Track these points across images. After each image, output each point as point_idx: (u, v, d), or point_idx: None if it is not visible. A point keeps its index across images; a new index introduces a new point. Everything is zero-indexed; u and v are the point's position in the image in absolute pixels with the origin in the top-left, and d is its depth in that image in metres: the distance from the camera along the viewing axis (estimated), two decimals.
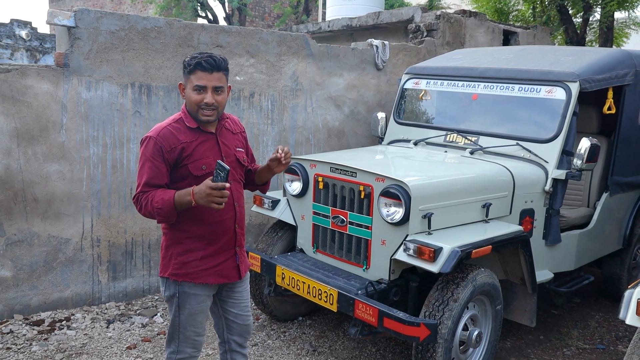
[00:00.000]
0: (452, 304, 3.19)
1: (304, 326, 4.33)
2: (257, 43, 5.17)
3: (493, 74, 4.44)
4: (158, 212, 2.36)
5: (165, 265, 2.54)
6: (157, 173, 2.39)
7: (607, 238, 4.64)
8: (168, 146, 2.40)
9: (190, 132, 2.46)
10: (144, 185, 2.39)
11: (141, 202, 2.40)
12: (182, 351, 2.59)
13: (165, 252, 2.54)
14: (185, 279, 2.49)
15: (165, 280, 2.55)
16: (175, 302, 2.53)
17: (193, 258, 2.49)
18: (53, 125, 4.20)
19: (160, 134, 2.42)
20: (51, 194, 4.24)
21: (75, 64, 4.24)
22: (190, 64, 2.40)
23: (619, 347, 4.24)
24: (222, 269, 2.56)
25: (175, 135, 2.43)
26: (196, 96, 2.40)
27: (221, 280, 2.57)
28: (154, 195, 2.37)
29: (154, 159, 2.39)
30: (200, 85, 2.39)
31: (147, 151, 2.40)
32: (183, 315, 2.53)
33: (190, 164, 2.43)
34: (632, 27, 11.30)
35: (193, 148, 2.44)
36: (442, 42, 6.98)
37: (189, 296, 2.52)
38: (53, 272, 4.31)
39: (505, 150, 4.11)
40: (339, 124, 5.86)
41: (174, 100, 4.73)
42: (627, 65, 4.36)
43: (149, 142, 2.41)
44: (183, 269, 2.49)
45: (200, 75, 2.38)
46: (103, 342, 3.97)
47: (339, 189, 3.69)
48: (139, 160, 2.44)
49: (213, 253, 2.52)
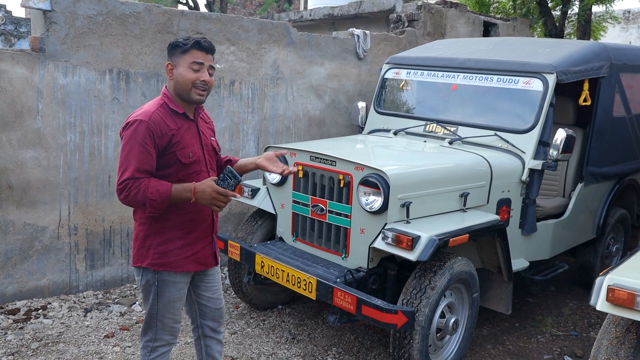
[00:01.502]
0: (430, 292, 3.23)
1: (284, 314, 4.35)
2: (238, 31, 5.13)
3: (472, 65, 4.48)
4: (151, 204, 2.30)
5: (142, 255, 2.49)
6: (147, 158, 2.32)
7: (582, 227, 4.73)
8: (159, 132, 2.34)
9: (177, 118, 2.43)
10: (135, 171, 2.30)
11: (130, 190, 2.30)
12: (160, 339, 2.58)
13: (143, 242, 2.49)
14: (166, 268, 2.47)
15: (141, 269, 2.52)
16: (153, 290, 2.51)
17: (173, 247, 2.47)
18: (28, 111, 4.13)
19: (151, 118, 2.34)
20: (27, 181, 4.17)
21: (51, 48, 4.17)
22: (187, 44, 2.38)
23: (591, 333, 4.34)
24: (200, 256, 2.56)
25: (164, 120, 2.38)
26: (192, 74, 2.38)
27: (200, 268, 2.59)
28: (148, 185, 2.30)
29: (145, 143, 2.31)
30: (198, 62, 2.38)
31: (137, 135, 2.31)
32: (162, 303, 2.52)
33: (178, 152, 2.39)
34: (609, 21, 11.44)
35: (181, 135, 2.41)
36: (423, 33, 7.00)
37: (168, 284, 2.50)
38: (29, 261, 4.26)
39: (484, 140, 4.16)
40: (320, 113, 5.86)
41: (153, 86, 4.68)
42: (602, 57, 4.42)
43: (139, 125, 2.33)
44: (163, 258, 2.47)
45: (197, 54, 2.38)
46: (80, 330, 3.95)
47: (318, 177, 3.70)
48: (126, 144, 2.33)
49: (192, 241, 2.52)
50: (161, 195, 2.30)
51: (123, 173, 2.32)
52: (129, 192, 2.30)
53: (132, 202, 2.34)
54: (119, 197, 2.35)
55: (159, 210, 2.35)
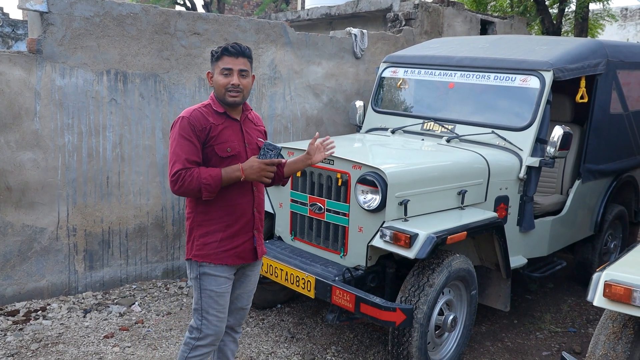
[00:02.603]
0: (428, 289, 3.24)
1: (283, 313, 4.36)
2: (235, 31, 5.13)
3: (469, 63, 4.48)
4: (206, 188, 2.47)
5: (189, 248, 2.66)
6: (194, 150, 2.51)
7: (580, 224, 4.74)
8: (200, 125, 2.53)
9: (218, 115, 2.61)
10: (184, 162, 2.48)
11: (184, 179, 2.46)
12: (205, 336, 2.65)
13: (189, 235, 2.66)
14: (206, 259, 2.60)
15: (189, 263, 2.67)
16: (198, 283, 2.64)
17: (213, 240, 2.60)
18: (26, 113, 4.14)
19: (192, 114, 2.55)
20: (25, 183, 4.18)
21: (48, 50, 4.17)
22: (218, 52, 2.58)
23: (589, 329, 4.35)
24: (240, 251, 2.66)
25: (204, 116, 2.57)
26: (223, 79, 2.56)
27: (239, 262, 2.67)
28: (200, 172, 2.48)
29: (190, 136, 2.51)
30: (227, 68, 2.56)
31: (181, 130, 2.52)
32: (205, 297, 2.63)
33: (217, 146, 2.56)
34: (606, 19, 11.47)
35: (219, 130, 2.58)
36: (420, 31, 7.01)
37: (209, 277, 2.62)
38: (28, 262, 4.26)
39: (481, 138, 4.16)
40: (318, 112, 5.87)
41: (150, 87, 4.68)
42: (599, 55, 4.43)
43: (182, 121, 2.54)
44: (203, 250, 2.61)
45: (226, 60, 2.56)
46: (80, 331, 3.95)
47: (316, 176, 3.71)
48: (173, 140, 2.54)
49: (232, 235, 2.63)
50: (214, 178, 2.48)
51: (174, 165, 2.50)
52: (184, 181, 2.47)
53: (187, 190, 2.49)
54: (173, 188, 2.51)
55: (212, 193, 2.51)
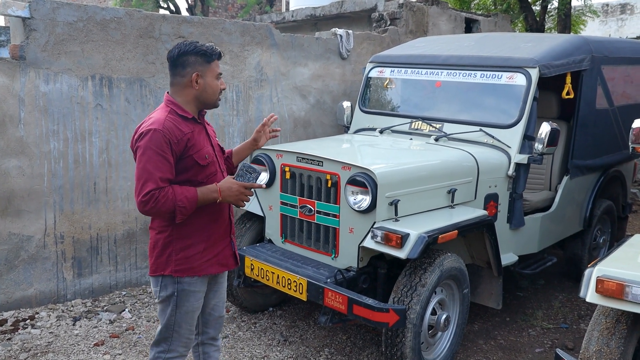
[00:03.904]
0: (420, 289, 3.23)
1: (275, 316, 4.34)
2: (220, 33, 5.10)
3: (455, 62, 4.49)
4: (180, 211, 2.33)
5: (162, 263, 2.47)
6: (166, 166, 2.33)
7: (569, 220, 4.77)
8: (175, 138, 2.36)
9: (187, 122, 2.46)
10: (159, 181, 2.30)
11: (158, 199, 2.28)
12: (174, 350, 2.57)
13: (162, 251, 2.47)
14: (189, 273, 2.48)
15: (161, 280, 2.49)
16: (173, 301, 2.49)
17: (195, 251, 2.49)
18: (10, 120, 4.08)
19: (165, 126, 2.35)
20: (10, 191, 4.12)
21: (31, 56, 4.12)
22: (213, 53, 2.47)
23: (581, 325, 4.37)
24: (221, 257, 2.59)
25: (177, 127, 2.39)
26: (218, 83, 2.52)
27: (222, 269, 2.61)
28: (174, 192, 2.31)
29: (164, 152, 2.32)
30: (220, 73, 2.53)
31: (153, 144, 2.31)
32: (180, 314, 2.51)
33: (195, 154, 2.43)
34: (588, 15, 11.57)
35: (195, 138, 2.45)
36: (405, 31, 7.02)
37: (188, 294, 2.50)
38: (15, 271, 4.20)
39: (469, 136, 4.17)
40: (305, 114, 5.85)
41: (136, 92, 4.64)
42: (584, 50, 4.46)
43: (153, 134, 2.32)
44: (186, 263, 2.47)
45: (217, 64, 2.51)
46: (69, 339, 3.90)
47: (305, 178, 3.69)
48: (142, 155, 2.32)
49: (213, 243, 2.55)
50: (189, 200, 2.34)
51: (145, 184, 2.29)
52: (157, 202, 2.29)
53: (159, 211, 2.32)
54: (144, 208, 2.31)
55: (186, 216, 2.38)
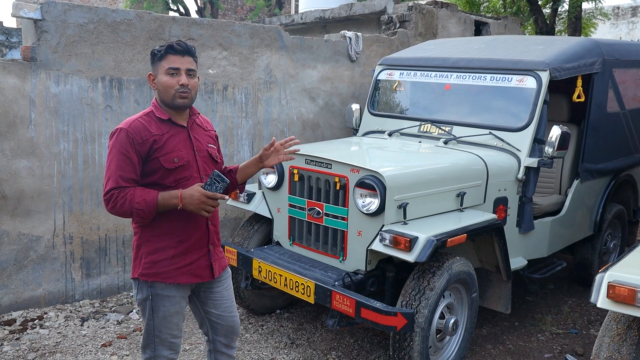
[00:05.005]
0: (429, 293, 3.21)
1: (282, 319, 4.33)
2: (230, 35, 5.11)
3: (465, 64, 4.47)
4: (138, 213, 2.28)
5: (135, 266, 2.45)
6: (130, 166, 2.30)
7: (579, 224, 4.73)
8: (140, 138, 2.32)
9: (162, 124, 2.40)
10: (118, 180, 2.28)
11: (116, 200, 2.27)
12: (160, 355, 2.49)
13: (137, 252, 2.45)
14: (156, 278, 2.39)
15: (137, 282, 2.46)
16: (148, 305, 2.43)
17: (164, 257, 2.40)
18: (21, 121, 4.11)
19: (131, 125, 2.33)
20: (20, 191, 4.14)
21: (43, 57, 4.14)
22: (161, 50, 2.37)
23: (591, 330, 4.33)
24: (194, 268, 2.46)
25: (146, 127, 2.35)
26: (170, 79, 2.35)
27: (193, 280, 2.48)
28: (133, 194, 2.27)
29: (127, 151, 2.30)
30: (174, 67, 2.35)
31: (118, 143, 2.31)
32: (157, 319, 2.43)
33: (162, 157, 2.35)
34: (599, 17, 11.50)
35: (164, 140, 2.37)
36: (414, 33, 7.01)
37: (162, 298, 2.42)
38: (24, 271, 4.22)
39: (479, 139, 4.15)
40: (314, 116, 5.85)
41: (146, 94, 4.66)
42: (595, 53, 4.43)
43: (119, 133, 2.32)
44: (153, 268, 2.40)
45: (172, 59, 2.35)
46: (77, 340, 3.91)
47: (314, 180, 3.69)
48: (109, 153, 2.34)
49: (184, 251, 2.43)
50: (148, 204, 2.27)
51: (107, 183, 2.31)
52: (115, 202, 2.28)
53: (119, 212, 2.31)
54: (106, 207, 2.32)
55: (146, 219, 2.33)
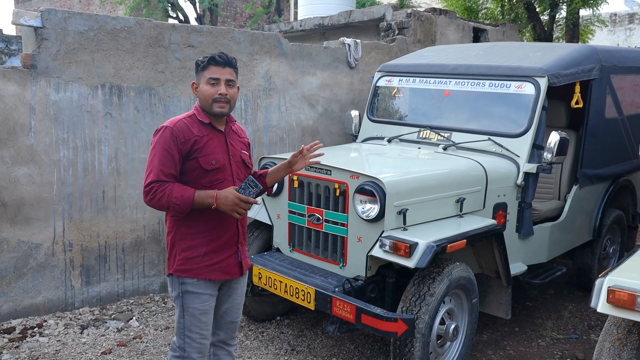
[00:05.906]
0: (429, 299, 3.21)
1: (282, 325, 4.32)
2: (229, 42, 5.13)
3: (464, 71, 4.49)
4: (174, 207, 2.43)
5: (170, 262, 2.59)
6: (171, 162, 2.45)
7: (578, 230, 4.73)
8: (183, 137, 2.47)
9: (203, 127, 2.55)
10: (159, 174, 2.43)
11: (155, 193, 2.42)
12: (189, 357, 2.59)
13: (171, 250, 2.59)
14: (189, 274, 2.54)
15: (171, 279, 2.60)
16: (179, 302, 2.58)
17: (196, 254, 2.54)
18: (21, 128, 4.11)
19: (176, 125, 2.50)
20: (20, 198, 4.14)
21: (43, 65, 4.15)
22: (204, 61, 2.53)
23: (591, 335, 4.33)
24: (224, 265, 2.60)
25: (189, 128, 2.51)
26: (211, 89, 2.51)
27: (224, 277, 2.61)
28: (172, 189, 2.42)
29: (170, 148, 2.45)
30: (214, 78, 2.51)
31: (162, 140, 2.47)
32: (187, 316, 2.56)
33: (201, 158, 2.50)
34: (596, 24, 11.54)
35: (204, 142, 2.52)
36: (413, 40, 7.04)
37: (192, 296, 2.55)
38: (24, 278, 4.22)
39: (478, 145, 4.16)
40: (313, 122, 5.86)
41: (145, 101, 4.67)
42: (593, 60, 4.45)
43: (164, 131, 2.48)
44: (186, 264, 2.54)
45: (213, 70, 2.51)
46: (77, 348, 3.90)
47: (314, 187, 3.69)
48: (152, 148, 2.49)
49: (216, 249, 2.57)
50: (184, 199, 2.42)
51: (148, 176, 2.46)
52: (154, 195, 2.43)
53: (157, 204, 2.45)
54: (145, 199, 2.46)
55: (181, 214, 2.48)
